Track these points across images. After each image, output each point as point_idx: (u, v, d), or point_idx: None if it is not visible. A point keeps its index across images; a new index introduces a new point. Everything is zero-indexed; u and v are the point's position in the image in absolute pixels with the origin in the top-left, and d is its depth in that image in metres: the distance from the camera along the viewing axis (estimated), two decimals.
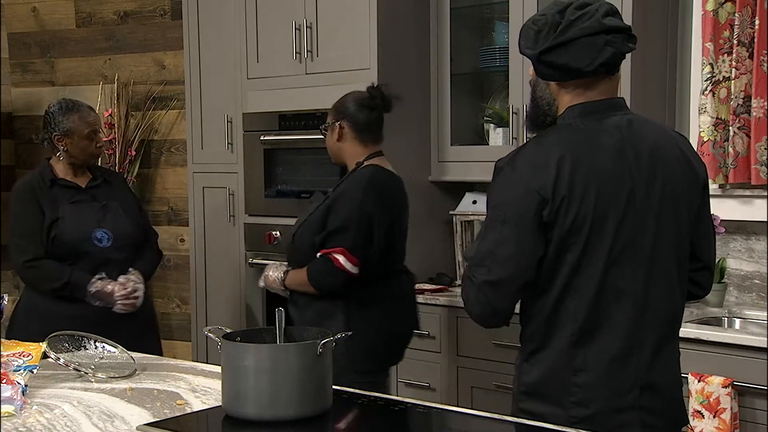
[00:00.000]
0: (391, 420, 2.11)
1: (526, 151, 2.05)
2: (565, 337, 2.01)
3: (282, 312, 2.05)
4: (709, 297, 3.41)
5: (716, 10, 3.39)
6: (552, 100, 2.08)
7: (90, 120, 3.43)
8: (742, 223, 3.48)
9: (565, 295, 1.99)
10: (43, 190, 3.37)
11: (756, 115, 3.32)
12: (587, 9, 1.99)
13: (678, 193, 2.06)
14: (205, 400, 2.17)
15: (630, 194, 1.99)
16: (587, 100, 2.04)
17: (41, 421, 2.01)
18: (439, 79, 3.94)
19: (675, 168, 2.06)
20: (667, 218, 2.04)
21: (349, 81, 3.80)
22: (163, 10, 5.08)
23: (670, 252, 2.05)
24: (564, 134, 2.03)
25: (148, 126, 5.09)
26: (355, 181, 3.02)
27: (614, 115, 2.05)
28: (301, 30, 3.93)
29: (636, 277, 2.00)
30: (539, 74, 2.08)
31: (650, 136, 2.07)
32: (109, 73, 5.21)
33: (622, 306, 2.00)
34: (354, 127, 3.06)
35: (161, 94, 5.08)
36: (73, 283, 3.31)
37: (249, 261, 4.20)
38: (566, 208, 1.95)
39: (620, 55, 2.01)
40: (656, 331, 2.04)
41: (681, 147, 2.12)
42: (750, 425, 2.91)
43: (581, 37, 1.96)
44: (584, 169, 1.96)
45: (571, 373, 2.01)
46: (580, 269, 1.98)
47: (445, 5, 3.90)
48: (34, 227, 3.33)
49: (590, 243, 1.96)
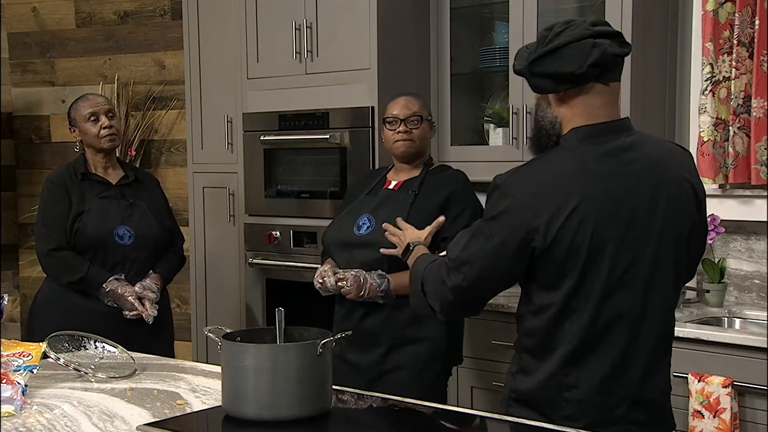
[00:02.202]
0: (391, 420, 2.12)
1: (524, 176, 2.05)
2: (559, 356, 2.02)
3: (282, 312, 2.05)
4: (709, 297, 3.41)
5: (716, 10, 3.39)
6: (554, 119, 2.07)
7: (89, 102, 3.44)
8: (742, 223, 3.48)
9: (563, 317, 2.01)
10: (74, 183, 3.41)
11: (756, 115, 3.32)
12: (574, 21, 2.04)
13: (680, 213, 2.06)
14: (205, 400, 2.18)
15: (630, 219, 1.99)
16: (589, 119, 2.03)
17: (41, 421, 2.01)
18: (439, 79, 3.94)
19: (677, 188, 2.06)
20: (668, 238, 2.04)
21: (349, 81, 3.80)
22: (163, 10, 5.08)
23: (669, 270, 2.05)
24: (563, 161, 2.03)
25: (148, 126, 5.09)
26: (460, 179, 3.08)
27: (617, 138, 2.04)
28: (301, 30, 3.93)
29: (634, 298, 2.01)
30: (534, 88, 2.09)
31: (653, 155, 2.06)
32: (109, 73, 5.21)
33: (619, 328, 2.01)
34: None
35: (161, 94, 5.08)
36: (89, 278, 3.34)
37: (249, 261, 4.20)
38: (561, 237, 1.96)
39: (610, 57, 2.00)
40: (649, 350, 2.05)
41: (683, 165, 2.11)
42: (750, 425, 2.91)
43: (569, 43, 1.99)
44: (581, 198, 1.96)
45: (564, 390, 2.03)
46: (578, 293, 1.99)
47: (445, 5, 3.90)
48: (59, 218, 3.37)
49: (588, 269, 1.97)
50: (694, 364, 2.96)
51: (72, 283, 3.35)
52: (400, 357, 2.97)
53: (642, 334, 2.03)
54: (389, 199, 3.06)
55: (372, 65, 3.74)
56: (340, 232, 3.08)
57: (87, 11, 5.32)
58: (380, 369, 2.98)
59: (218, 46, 4.33)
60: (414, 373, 2.95)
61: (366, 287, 2.89)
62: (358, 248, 3.00)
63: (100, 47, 5.29)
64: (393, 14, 3.80)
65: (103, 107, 3.43)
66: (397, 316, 2.96)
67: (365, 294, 2.90)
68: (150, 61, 5.13)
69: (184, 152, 4.76)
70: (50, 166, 5.20)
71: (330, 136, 3.84)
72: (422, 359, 2.97)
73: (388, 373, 2.97)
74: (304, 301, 3.48)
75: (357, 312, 3.00)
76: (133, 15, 5.18)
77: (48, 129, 5.54)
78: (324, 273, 2.98)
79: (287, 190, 4.09)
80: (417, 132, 3.06)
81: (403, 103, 3.09)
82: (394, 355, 2.97)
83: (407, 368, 2.96)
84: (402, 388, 2.68)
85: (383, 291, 2.91)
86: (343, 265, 3.03)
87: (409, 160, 3.11)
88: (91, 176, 3.45)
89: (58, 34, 5.41)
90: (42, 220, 3.43)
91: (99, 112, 3.41)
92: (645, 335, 2.03)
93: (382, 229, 2.83)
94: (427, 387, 2.90)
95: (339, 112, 3.84)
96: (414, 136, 3.05)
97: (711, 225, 3.38)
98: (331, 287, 2.96)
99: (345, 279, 2.92)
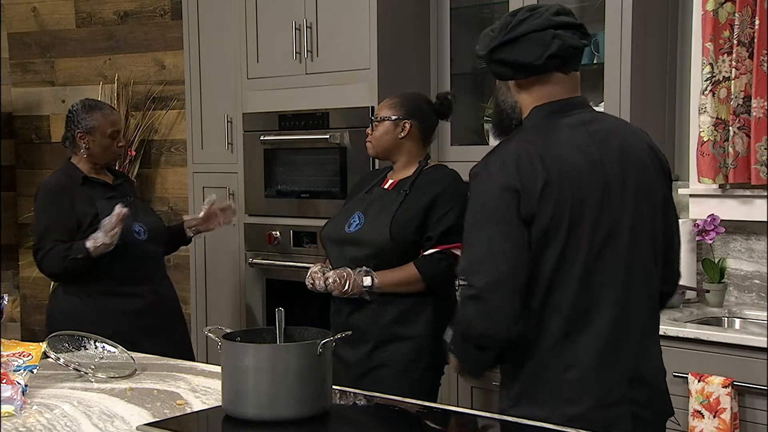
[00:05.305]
0: (391, 420, 2.12)
1: (497, 152, 2.05)
2: (552, 333, 2.01)
3: (282, 312, 2.05)
4: (709, 297, 3.41)
5: (716, 10, 3.39)
6: (514, 103, 2.11)
7: (113, 119, 3.48)
8: (742, 223, 3.48)
9: (550, 292, 2.00)
10: (76, 188, 3.39)
11: (756, 115, 3.31)
12: (538, 9, 2.05)
13: (650, 185, 2.08)
14: (205, 400, 2.18)
15: (605, 188, 2.01)
16: (549, 101, 2.06)
17: (41, 421, 2.01)
18: (439, 79, 3.94)
19: (644, 161, 2.09)
20: (642, 211, 2.06)
21: (349, 81, 3.80)
22: (163, 10, 5.08)
23: (647, 244, 2.07)
24: (532, 133, 2.05)
25: (148, 126, 5.09)
26: (450, 179, 3.06)
27: (579, 113, 2.08)
28: (301, 30, 3.93)
29: (617, 269, 2.02)
30: (494, 74, 2.12)
31: (617, 130, 2.11)
32: (109, 73, 5.21)
33: (605, 299, 2.01)
34: (422, 129, 3.12)
35: (161, 94, 5.08)
36: (75, 247, 3.26)
37: (249, 261, 4.20)
38: (545, 202, 1.95)
39: (570, 49, 2.03)
40: (639, 324, 2.07)
41: (646, 140, 2.15)
42: (750, 425, 2.91)
43: (529, 32, 2.01)
44: (557, 164, 1.98)
45: (561, 370, 2.01)
46: (562, 264, 1.98)
47: (445, 5, 3.90)
48: (61, 224, 3.32)
49: (570, 236, 1.97)
50: (694, 364, 2.96)
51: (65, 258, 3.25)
52: (385, 354, 2.99)
53: (629, 305, 2.03)
54: (380, 199, 3.10)
55: (372, 65, 3.74)
56: (333, 229, 3.14)
57: (87, 11, 5.32)
58: (366, 366, 3.00)
59: (218, 46, 4.33)
60: (398, 371, 2.97)
61: (350, 283, 2.95)
62: (348, 245, 3.05)
63: (100, 47, 5.29)
64: (393, 14, 3.80)
65: (118, 126, 3.48)
66: (382, 313, 2.99)
67: (349, 290, 2.96)
68: (150, 61, 5.14)
69: (184, 152, 4.76)
70: (50, 167, 5.20)
71: (330, 136, 3.85)
72: (407, 358, 2.98)
73: (373, 370, 2.99)
74: (304, 301, 3.48)
75: (345, 308, 3.05)
76: (133, 15, 5.18)
77: (48, 129, 5.54)
78: (314, 274, 3.06)
79: (287, 190, 4.09)
80: (374, 133, 3.12)
81: (379, 105, 3.19)
82: (379, 352, 3.00)
83: (392, 366, 2.98)
84: (387, 386, 2.68)
85: (367, 287, 2.95)
86: (335, 260, 3.10)
87: (381, 159, 3.22)
88: (91, 179, 3.45)
89: (58, 34, 5.41)
90: (43, 227, 3.34)
91: (119, 131, 3.47)
92: (632, 306, 2.04)
93: (370, 227, 2.99)
94: (412, 385, 2.91)
95: (339, 112, 3.85)
96: (371, 137, 3.13)
97: (711, 225, 3.38)
98: (320, 287, 3.03)
99: (328, 276, 3.00)
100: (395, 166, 3.16)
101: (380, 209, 3.05)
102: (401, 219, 2.98)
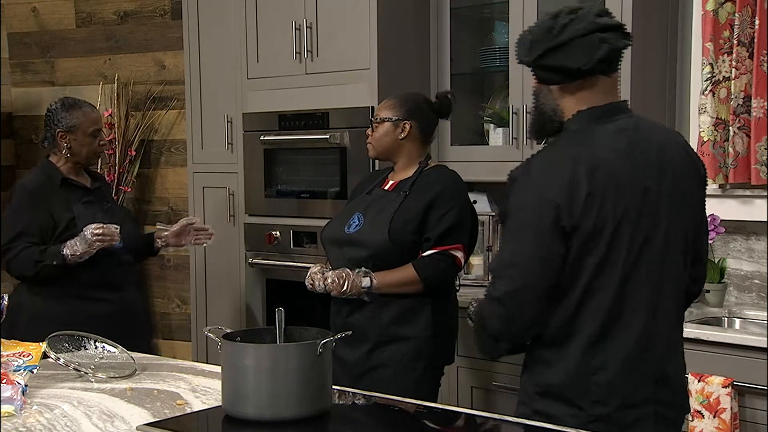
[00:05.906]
0: (391, 420, 2.12)
1: (540, 158, 2.06)
2: (585, 337, 2.02)
3: (282, 312, 2.05)
4: (709, 297, 3.41)
5: (716, 10, 3.39)
6: (556, 106, 2.10)
7: (93, 117, 3.42)
8: (742, 223, 3.48)
9: (587, 297, 2.01)
10: (54, 190, 3.32)
11: (756, 115, 3.32)
12: (579, 12, 2.04)
13: (685, 189, 2.10)
14: (205, 400, 2.18)
15: (644, 194, 2.02)
16: (591, 105, 2.06)
17: (41, 421, 2.01)
18: (439, 79, 3.94)
19: (681, 165, 2.10)
20: (677, 214, 2.07)
21: (349, 81, 3.80)
22: (163, 10, 5.08)
23: (678, 247, 2.09)
24: (576, 139, 2.05)
25: (148, 126, 5.09)
26: (449, 180, 3.07)
27: (620, 118, 2.08)
28: (301, 30, 3.93)
29: (651, 273, 2.03)
30: (540, 80, 2.10)
31: (655, 136, 2.11)
32: (109, 73, 5.21)
33: (639, 303, 2.03)
34: (422, 129, 3.12)
35: (161, 94, 5.08)
36: (50, 252, 3.21)
37: (249, 261, 4.20)
38: (587, 213, 1.96)
39: (616, 51, 2.04)
40: (668, 326, 2.08)
41: (682, 144, 2.17)
42: (750, 425, 2.91)
43: (575, 38, 2.00)
44: (600, 172, 1.98)
45: (591, 373, 2.02)
46: (602, 271, 1.99)
47: (445, 5, 3.90)
48: (35, 226, 3.26)
49: (612, 244, 1.99)
50: (694, 364, 2.96)
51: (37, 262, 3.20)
52: (384, 355, 2.99)
53: (660, 307, 2.05)
54: (379, 200, 3.11)
55: (372, 65, 3.74)
56: (333, 230, 3.15)
57: (87, 11, 5.32)
58: (365, 366, 3.01)
59: (218, 46, 4.33)
60: (397, 372, 2.97)
61: (348, 283, 2.95)
62: (347, 246, 3.06)
63: (100, 47, 5.28)
64: (393, 14, 3.80)
65: (99, 124, 3.42)
66: (381, 314, 3.00)
67: (347, 290, 2.96)
68: (150, 61, 5.13)
69: (184, 152, 4.76)
70: None
71: (330, 136, 3.85)
72: (407, 358, 2.99)
73: (372, 371, 3.00)
74: (304, 301, 3.47)
75: (345, 308, 3.05)
76: (133, 15, 5.18)
77: None
78: (314, 274, 3.06)
79: (287, 190, 4.09)
80: (374, 134, 3.12)
81: (379, 105, 3.19)
82: (378, 352, 3.00)
83: (391, 366, 2.98)
84: (385, 386, 2.68)
85: (366, 288, 2.95)
86: (335, 261, 3.10)
87: (381, 160, 3.22)
88: (70, 182, 3.37)
89: (58, 34, 5.41)
90: (17, 228, 3.25)
91: (99, 129, 3.41)
92: (663, 308, 2.06)
93: (369, 227, 2.99)
94: (411, 386, 2.91)
95: (339, 112, 3.85)
96: (371, 139, 3.13)
97: (711, 225, 3.38)
98: (319, 288, 3.03)
99: (327, 277, 3.00)
100: (396, 166, 3.16)
101: (379, 210, 3.05)
102: (400, 220, 2.99)
